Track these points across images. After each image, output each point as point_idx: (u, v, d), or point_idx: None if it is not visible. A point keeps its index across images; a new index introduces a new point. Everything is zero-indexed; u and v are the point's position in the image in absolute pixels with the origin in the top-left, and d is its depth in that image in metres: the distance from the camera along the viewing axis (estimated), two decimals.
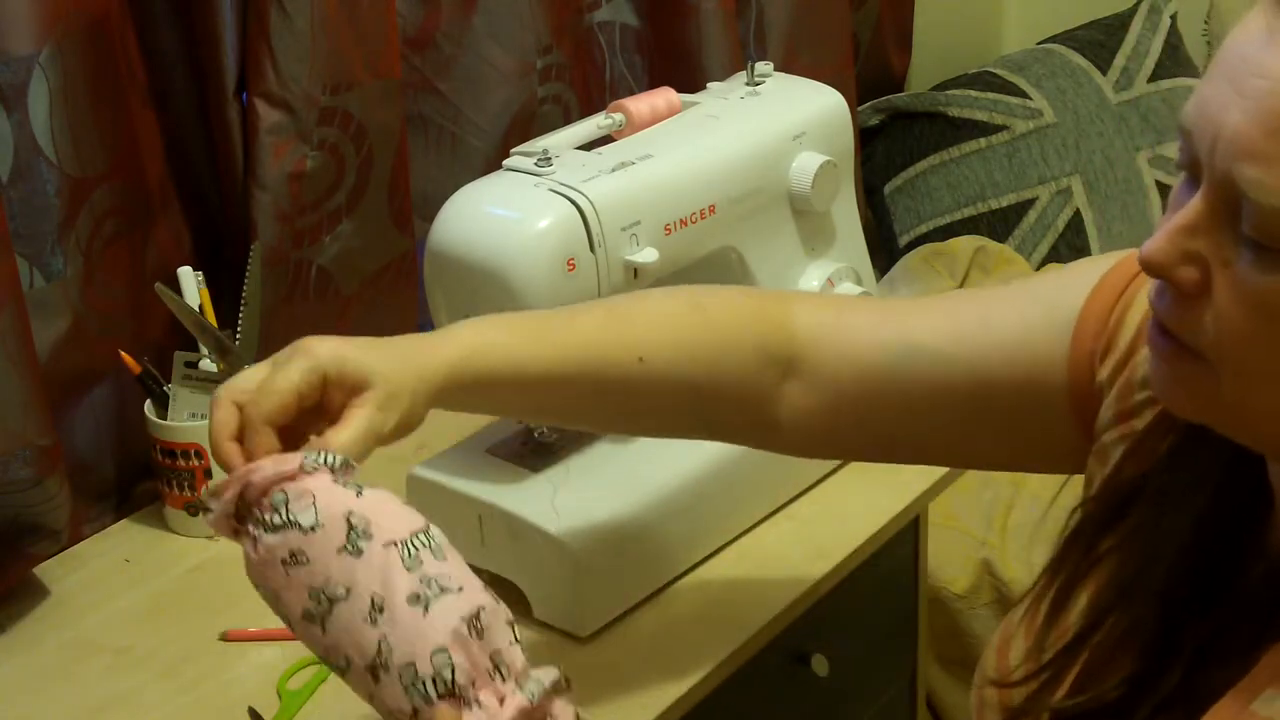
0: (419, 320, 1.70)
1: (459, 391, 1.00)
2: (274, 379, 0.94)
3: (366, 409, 0.95)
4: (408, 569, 0.86)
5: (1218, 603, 0.84)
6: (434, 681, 0.84)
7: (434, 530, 0.89)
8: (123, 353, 1.42)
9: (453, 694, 0.84)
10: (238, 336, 1.47)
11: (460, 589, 0.86)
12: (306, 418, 0.95)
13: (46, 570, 1.40)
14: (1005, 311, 1.03)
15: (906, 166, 2.42)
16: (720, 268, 1.37)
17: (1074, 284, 0.99)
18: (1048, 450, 1.02)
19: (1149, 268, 0.77)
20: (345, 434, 0.94)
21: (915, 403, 1.05)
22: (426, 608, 0.85)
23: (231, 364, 1.44)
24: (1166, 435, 0.89)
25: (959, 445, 1.07)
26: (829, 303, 1.14)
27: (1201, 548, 0.86)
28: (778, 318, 1.09)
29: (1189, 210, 0.76)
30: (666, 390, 1.08)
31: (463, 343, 1.02)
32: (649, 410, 1.10)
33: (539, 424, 1.23)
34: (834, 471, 1.46)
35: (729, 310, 1.11)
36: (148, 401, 1.44)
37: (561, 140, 1.30)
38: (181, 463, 1.42)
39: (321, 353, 0.95)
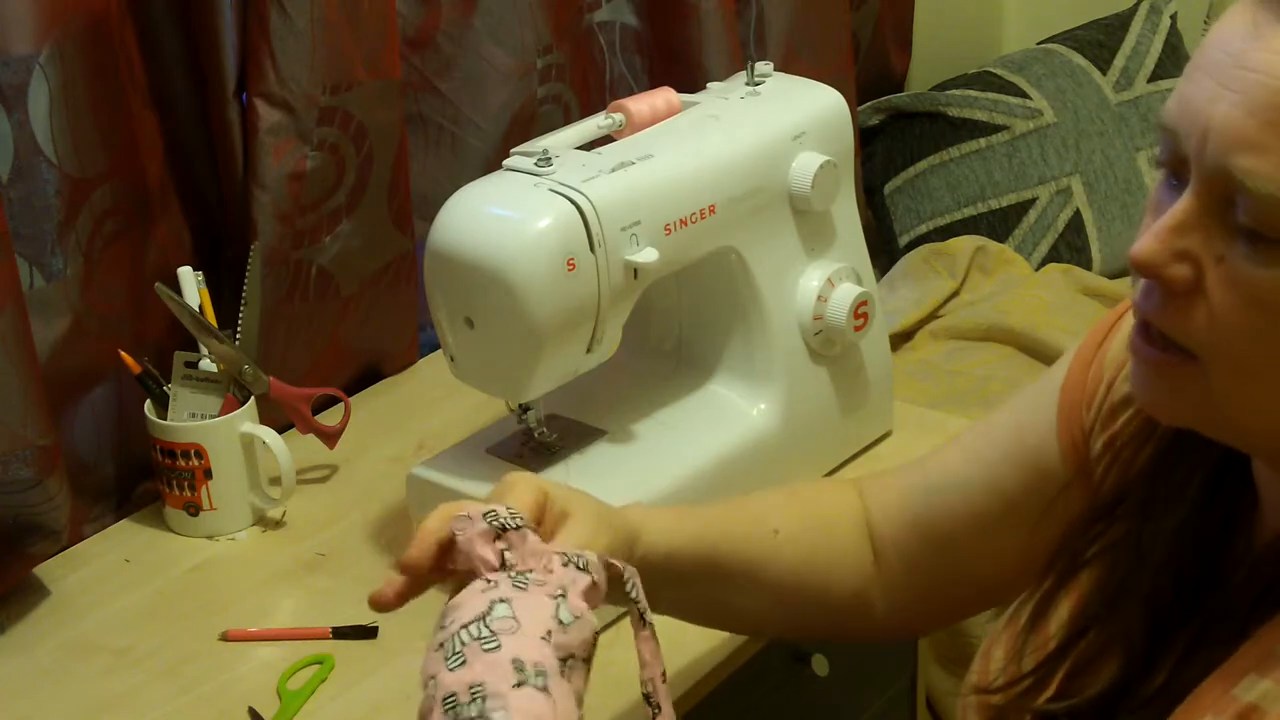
0: (419, 320, 1.70)
1: (632, 556, 1.01)
2: (506, 495, 0.95)
3: (580, 530, 0.96)
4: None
5: (1204, 604, 0.84)
6: None
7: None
8: (123, 353, 1.42)
9: None
10: (238, 336, 1.47)
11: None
12: None
13: (46, 570, 1.40)
14: (1003, 417, 1.06)
15: (906, 166, 2.42)
16: (720, 268, 1.37)
17: (1056, 368, 1.02)
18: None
19: (1140, 268, 0.78)
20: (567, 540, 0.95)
21: (958, 538, 1.06)
22: None
23: (231, 364, 1.44)
24: (1146, 444, 0.90)
25: (1018, 566, 1.04)
26: (878, 476, 1.18)
27: (1186, 552, 0.86)
28: (852, 495, 1.14)
29: (1179, 209, 0.77)
30: (796, 565, 1.10)
31: (637, 512, 1.04)
32: (779, 590, 1.11)
33: (681, 615, 1.15)
34: (834, 471, 1.46)
35: (818, 491, 1.17)
36: (148, 401, 1.44)
37: (561, 140, 1.30)
38: (181, 463, 1.42)
39: (538, 480, 0.98)
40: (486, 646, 0.86)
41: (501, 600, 0.88)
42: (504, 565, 0.91)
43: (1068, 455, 0.99)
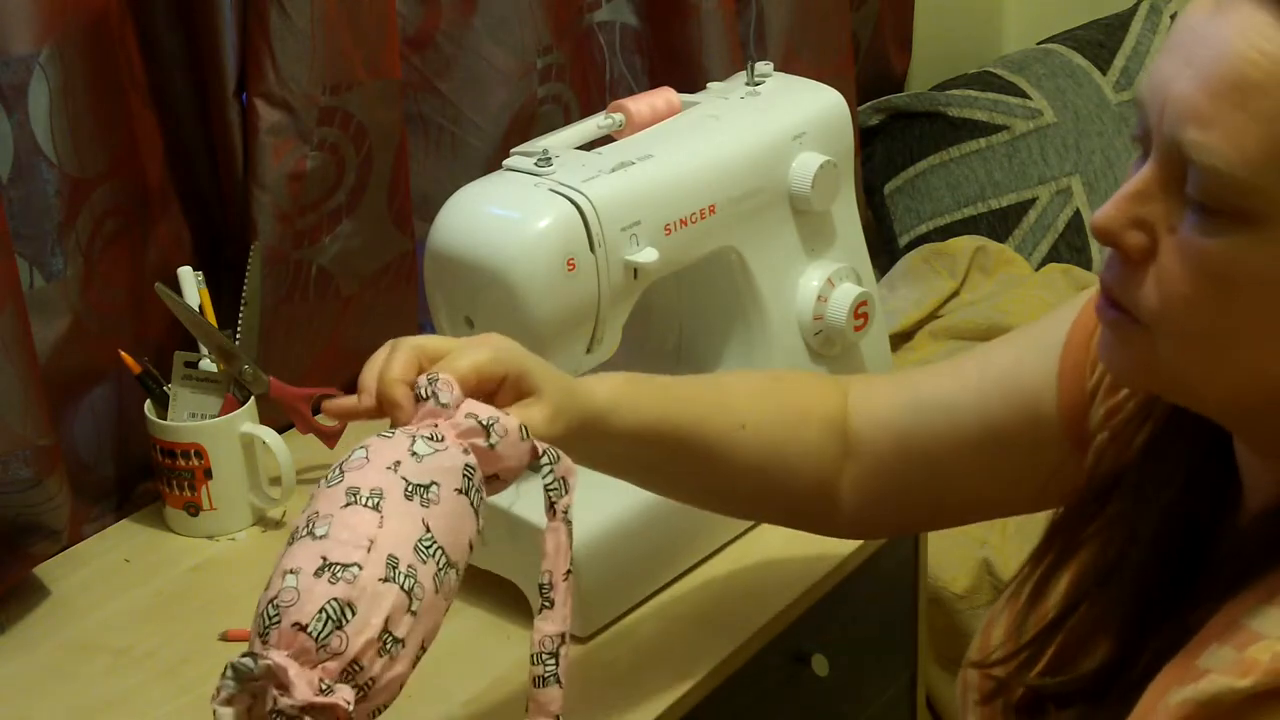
0: (419, 320, 1.70)
1: (596, 435, 1.02)
2: (464, 352, 0.96)
3: (532, 412, 0.97)
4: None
5: (1190, 586, 0.86)
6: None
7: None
8: (123, 353, 1.42)
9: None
10: (238, 336, 1.47)
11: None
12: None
13: (46, 570, 1.40)
14: (1001, 351, 1.08)
15: (906, 166, 2.42)
16: (720, 268, 1.37)
17: (1061, 314, 1.03)
18: (1063, 487, 1.03)
19: (1098, 234, 0.80)
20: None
21: (938, 457, 1.09)
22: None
23: (231, 364, 1.44)
24: (1143, 426, 0.92)
25: (987, 495, 1.10)
26: (868, 378, 1.20)
27: (1176, 531, 0.88)
28: (836, 392, 1.15)
29: (1138, 178, 0.79)
30: (761, 458, 1.11)
31: (610, 390, 1.05)
32: (740, 480, 1.13)
33: (641, 486, 1.17)
34: None
35: (802, 383, 1.17)
36: (148, 401, 1.44)
37: (561, 140, 1.30)
38: (181, 463, 1.42)
39: (512, 349, 0.99)
40: (330, 484, 0.89)
41: (361, 447, 0.91)
42: None
43: (1065, 412, 1.00)
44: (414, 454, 0.90)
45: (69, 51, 1.32)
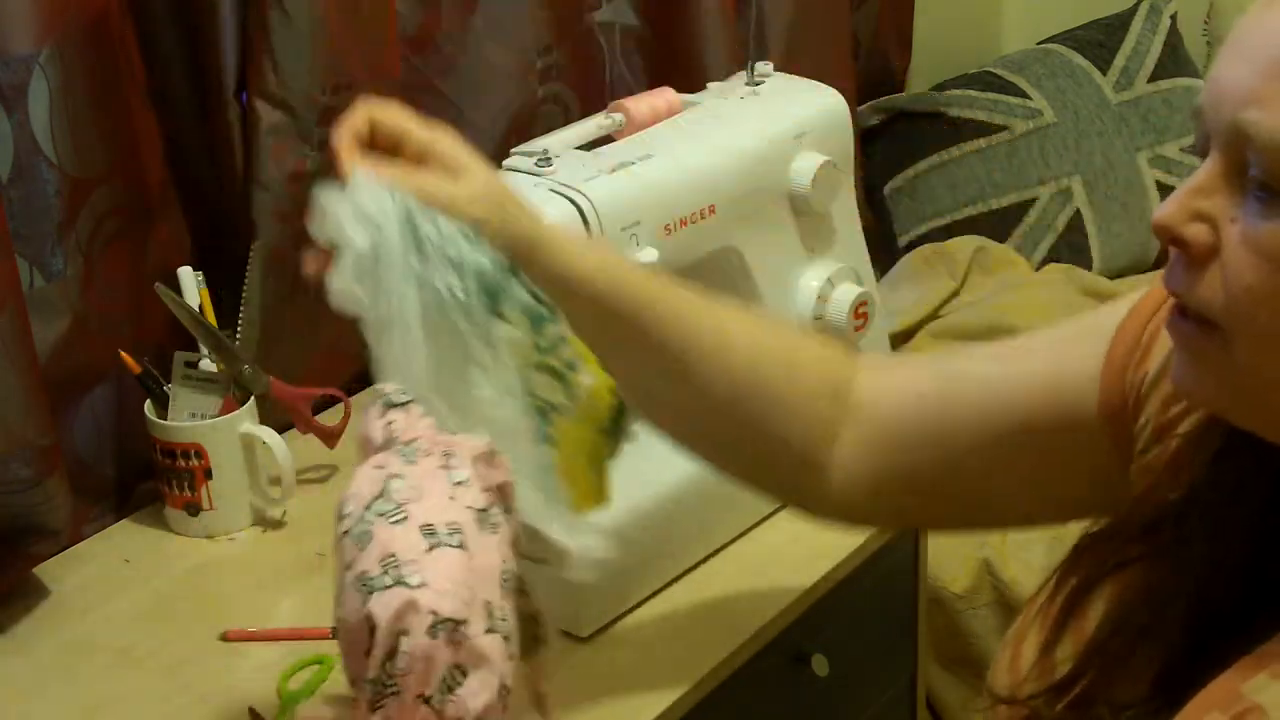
0: None
1: (524, 262, 0.99)
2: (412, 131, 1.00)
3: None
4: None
5: (1248, 623, 0.82)
6: None
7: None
8: (123, 353, 1.42)
9: None
10: (238, 336, 1.47)
11: None
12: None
13: (46, 570, 1.40)
14: (1045, 341, 1.03)
15: (906, 166, 2.42)
16: (720, 268, 1.37)
17: (1112, 307, 1.00)
18: (1089, 493, 0.99)
19: (1160, 231, 0.80)
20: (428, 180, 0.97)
21: (956, 440, 1.02)
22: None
23: (232, 364, 1.44)
24: (1204, 450, 0.88)
25: (1002, 495, 1.04)
26: (888, 357, 1.14)
27: (1227, 577, 0.84)
28: (842, 357, 1.09)
29: (1199, 173, 0.79)
30: (736, 378, 1.04)
31: (559, 231, 1.02)
32: (706, 397, 1.06)
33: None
34: None
35: (797, 334, 1.13)
36: (148, 401, 1.44)
37: (561, 140, 1.30)
38: (181, 463, 1.42)
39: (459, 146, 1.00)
40: (394, 519, 0.87)
41: (395, 476, 0.89)
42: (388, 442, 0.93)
43: (1106, 406, 0.96)
44: (457, 483, 0.90)
45: (69, 51, 1.32)
